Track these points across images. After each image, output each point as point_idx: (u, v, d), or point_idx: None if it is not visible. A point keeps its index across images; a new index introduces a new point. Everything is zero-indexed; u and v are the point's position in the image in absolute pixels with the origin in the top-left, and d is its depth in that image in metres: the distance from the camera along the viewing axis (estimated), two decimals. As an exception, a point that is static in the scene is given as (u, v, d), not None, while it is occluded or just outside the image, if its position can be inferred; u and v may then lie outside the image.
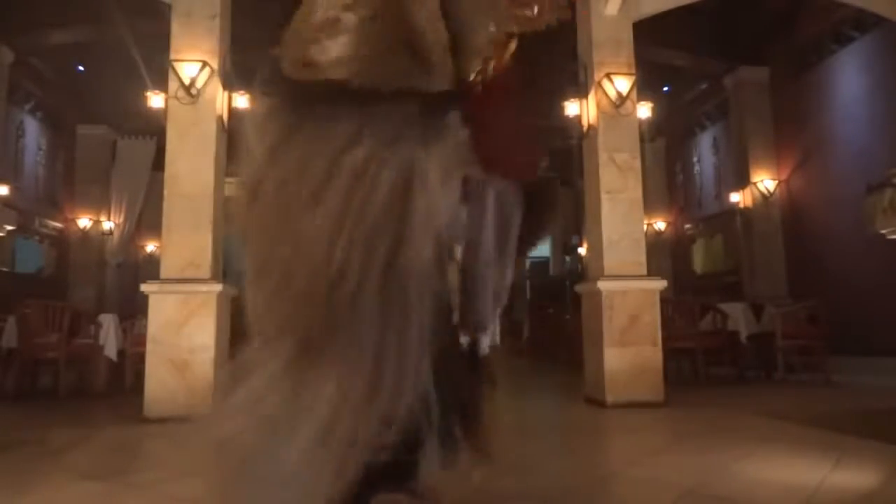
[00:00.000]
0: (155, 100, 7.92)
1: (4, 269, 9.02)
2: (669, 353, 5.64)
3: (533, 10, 1.63)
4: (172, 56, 5.04)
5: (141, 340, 5.60)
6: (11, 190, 8.57)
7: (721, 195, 10.19)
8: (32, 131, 9.68)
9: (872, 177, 6.54)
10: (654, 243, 10.58)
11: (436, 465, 1.61)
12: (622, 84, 5.41)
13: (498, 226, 1.67)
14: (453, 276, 1.60)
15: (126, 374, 6.76)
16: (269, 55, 1.53)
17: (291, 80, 1.50)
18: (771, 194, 9.03)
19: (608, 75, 5.41)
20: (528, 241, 1.77)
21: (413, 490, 1.64)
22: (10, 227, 8.58)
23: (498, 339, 1.78)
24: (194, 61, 5.01)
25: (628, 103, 5.41)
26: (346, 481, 1.44)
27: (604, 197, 5.30)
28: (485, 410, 1.71)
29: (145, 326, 4.92)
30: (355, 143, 1.38)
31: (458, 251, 1.64)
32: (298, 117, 1.45)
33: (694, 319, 6.73)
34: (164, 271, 4.84)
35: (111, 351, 6.64)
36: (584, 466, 2.75)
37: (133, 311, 7.31)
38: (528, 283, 14.05)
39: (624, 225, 5.29)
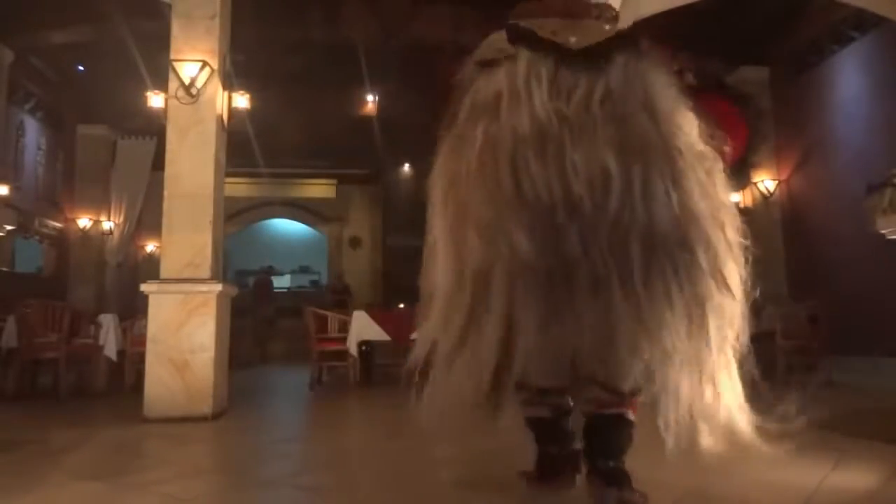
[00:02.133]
0: (155, 100, 7.91)
1: (4, 269, 9.02)
2: (669, 353, 5.62)
3: None
4: (172, 56, 5.04)
5: (141, 340, 5.61)
6: (11, 190, 8.57)
7: (721, 195, 10.18)
8: (32, 131, 9.68)
9: (872, 177, 6.55)
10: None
11: None
12: (622, 84, 5.41)
13: None
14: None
15: (126, 374, 6.76)
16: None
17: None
18: (771, 194, 9.03)
19: (608, 75, 5.40)
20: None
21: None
22: (9, 227, 8.58)
23: None
24: (194, 61, 5.00)
25: (628, 103, 5.40)
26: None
27: (604, 197, 5.29)
28: None
29: (145, 326, 4.92)
30: None
31: None
32: None
33: (694, 319, 6.72)
34: (164, 271, 4.84)
35: (111, 351, 6.65)
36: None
37: (133, 311, 7.32)
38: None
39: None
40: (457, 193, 1.95)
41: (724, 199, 1.93)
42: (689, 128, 1.93)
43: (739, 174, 2.26)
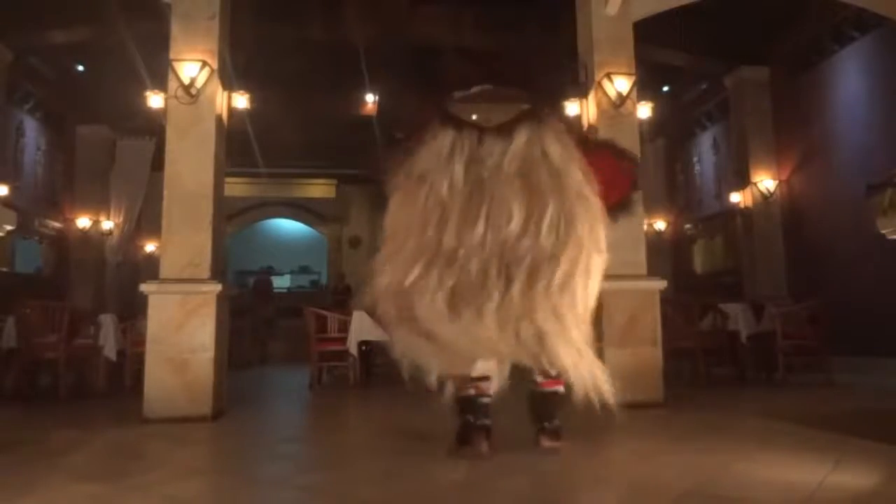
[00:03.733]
0: (154, 100, 7.91)
1: (4, 269, 9.01)
2: (669, 353, 5.63)
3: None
4: (172, 56, 5.03)
5: (141, 340, 5.60)
6: (11, 190, 8.56)
7: (721, 195, 10.18)
8: (32, 131, 9.67)
9: (872, 177, 6.54)
10: (654, 243, 10.56)
11: None
12: (622, 84, 5.41)
13: None
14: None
15: (126, 374, 6.76)
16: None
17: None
18: (771, 194, 9.03)
19: (608, 75, 5.40)
20: None
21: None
22: (9, 227, 8.56)
23: None
24: (194, 61, 5.00)
25: (628, 103, 5.41)
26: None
27: (604, 197, 5.30)
28: None
29: (145, 326, 4.92)
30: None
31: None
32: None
33: (694, 319, 6.72)
34: (164, 271, 4.83)
35: (110, 351, 6.65)
36: (583, 467, 2.75)
37: (133, 311, 7.31)
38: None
39: (623, 224, 5.26)
40: (399, 235, 2.77)
41: (601, 225, 2.75)
42: (575, 175, 2.74)
43: (624, 210, 3.28)
